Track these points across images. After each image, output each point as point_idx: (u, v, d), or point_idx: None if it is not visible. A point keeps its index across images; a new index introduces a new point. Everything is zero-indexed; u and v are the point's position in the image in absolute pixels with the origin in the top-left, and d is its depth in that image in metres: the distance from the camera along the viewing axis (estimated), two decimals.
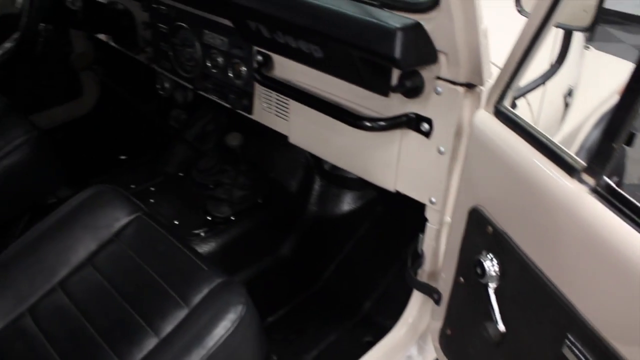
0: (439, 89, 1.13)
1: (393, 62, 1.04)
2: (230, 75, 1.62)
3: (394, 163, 1.29)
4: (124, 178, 2.27)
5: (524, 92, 1.27)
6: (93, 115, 2.54)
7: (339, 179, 2.04)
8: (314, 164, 2.06)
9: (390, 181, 1.32)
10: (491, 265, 0.98)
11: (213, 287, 1.20)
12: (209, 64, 1.67)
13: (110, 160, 2.45)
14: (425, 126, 1.19)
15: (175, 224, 1.93)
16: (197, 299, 1.18)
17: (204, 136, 2.34)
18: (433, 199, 1.25)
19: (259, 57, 1.48)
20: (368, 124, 1.23)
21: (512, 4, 1.15)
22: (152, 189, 2.13)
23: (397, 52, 1.01)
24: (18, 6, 1.67)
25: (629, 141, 1.79)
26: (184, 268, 1.26)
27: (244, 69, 1.57)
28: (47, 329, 1.20)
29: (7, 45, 1.69)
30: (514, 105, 1.06)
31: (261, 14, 1.23)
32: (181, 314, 1.17)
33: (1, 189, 1.69)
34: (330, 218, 2.04)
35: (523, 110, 1.45)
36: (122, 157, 2.49)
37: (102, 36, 2.12)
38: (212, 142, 2.27)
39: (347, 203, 2.04)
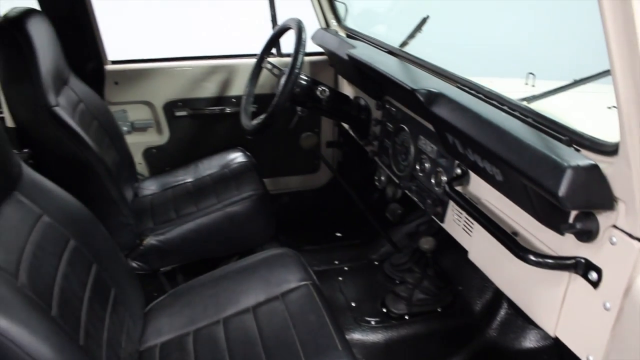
0: (614, 238, 1.05)
1: (557, 199, 1.01)
2: (432, 181, 1.69)
3: (557, 306, 1.21)
4: (332, 253, 2.47)
5: None
6: (323, 190, 2.82)
7: None
8: None
9: (550, 324, 1.24)
10: None
11: None
12: (418, 167, 1.77)
13: (326, 234, 2.67)
14: (593, 275, 1.10)
15: (352, 305, 2.03)
16: None
17: (415, 235, 2.42)
18: (591, 358, 1.13)
19: (458, 170, 1.53)
20: (533, 258, 1.18)
21: None
22: (346, 268, 2.27)
23: (562, 190, 0.98)
24: (279, 88, 2.00)
25: None
26: (323, 342, 1.33)
27: (444, 178, 1.64)
28: (199, 352, 1.38)
29: (262, 117, 2.02)
30: None
31: (455, 128, 1.30)
32: None
33: (222, 229, 2.01)
34: (507, 350, 1.92)
35: None
36: (338, 235, 2.70)
37: (346, 125, 2.39)
38: (413, 242, 2.34)
39: (529, 340, 1.91)
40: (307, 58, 2.01)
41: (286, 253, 1.66)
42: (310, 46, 2.14)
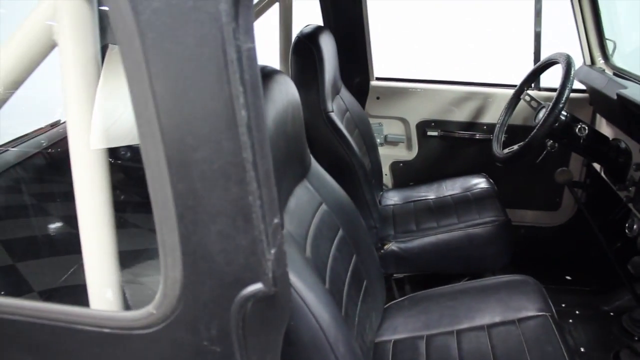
0: None
1: None
2: None
3: None
4: (560, 295, 2.40)
5: None
6: (559, 230, 2.73)
7: None
8: None
9: None
10: None
11: None
12: None
13: (555, 274, 2.59)
14: None
15: (582, 350, 1.96)
16: None
17: None
18: None
19: None
20: None
21: None
22: (577, 312, 2.20)
23: None
24: (537, 121, 2.02)
25: None
26: None
27: None
28: (430, 356, 1.48)
29: (515, 147, 2.06)
30: None
31: None
32: None
33: (460, 248, 2.08)
34: None
35: None
36: (567, 278, 2.60)
37: (596, 165, 2.30)
38: None
39: None
40: None
41: (528, 281, 1.68)
42: None
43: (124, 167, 1.40)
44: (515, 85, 2.33)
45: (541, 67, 2.19)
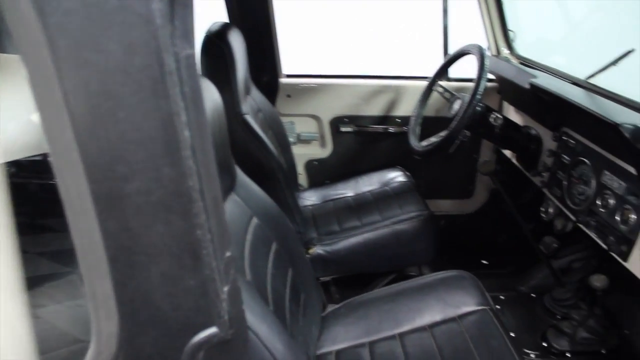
0: None
1: None
2: (617, 218, 1.62)
3: None
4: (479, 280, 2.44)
5: None
6: (473, 216, 2.79)
7: None
8: None
9: None
10: None
11: None
12: (599, 203, 1.70)
13: (471, 261, 2.64)
14: None
15: (511, 335, 1.98)
16: None
17: (568, 271, 2.34)
18: None
19: None
20: None
21: None
22: (502, 297, 2.23)
23: None
24: (453, 112, 2.02)
25: None
26: None
27: (633, 216, 1.56)
28: None
29: (433, 139, 2.05)
30: None
31: None
32: None
33: (387, 246, 2.05)
34: None
35: None
36: (484, 262, 2.66)
37: (507, 152, 2.35)
38: (574, 277, 2.25)
39: None
40: (470, 84, 2.00)
41: (463, 275, 1.67)
42: (471, 73, 2.12)
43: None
44: (425, 77, 2.32)
45: (453, 59, 2.19)
